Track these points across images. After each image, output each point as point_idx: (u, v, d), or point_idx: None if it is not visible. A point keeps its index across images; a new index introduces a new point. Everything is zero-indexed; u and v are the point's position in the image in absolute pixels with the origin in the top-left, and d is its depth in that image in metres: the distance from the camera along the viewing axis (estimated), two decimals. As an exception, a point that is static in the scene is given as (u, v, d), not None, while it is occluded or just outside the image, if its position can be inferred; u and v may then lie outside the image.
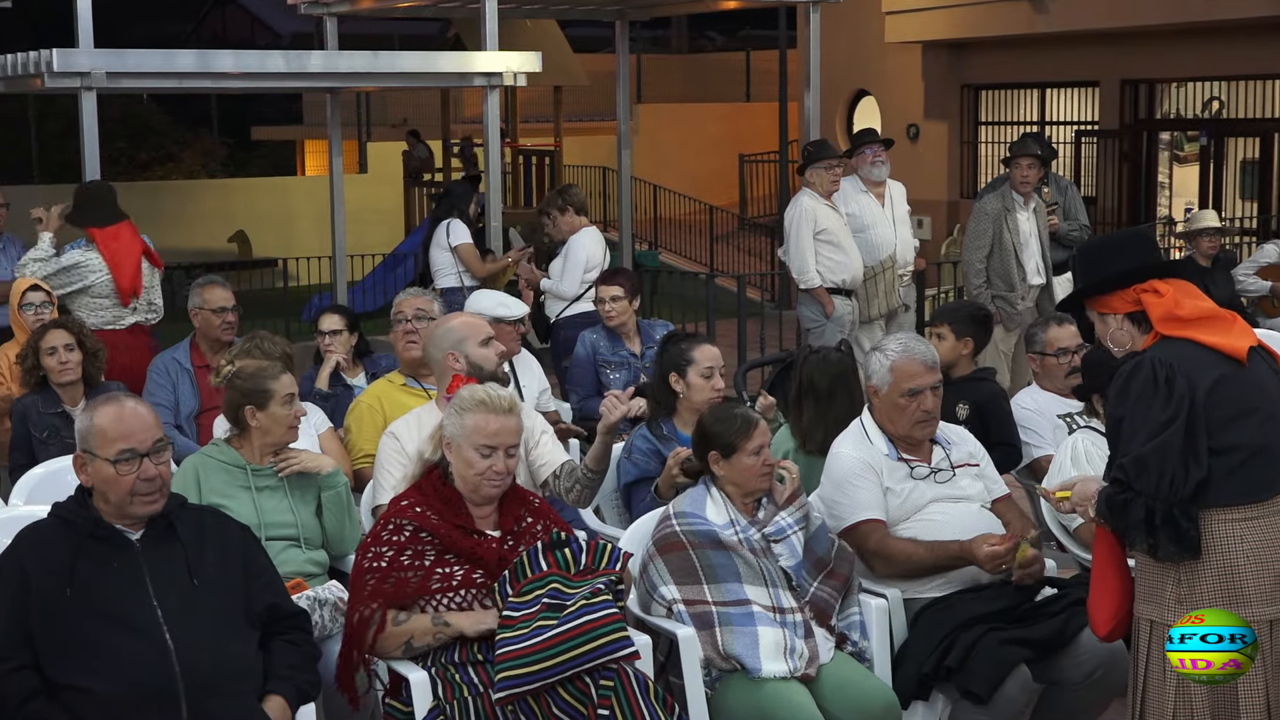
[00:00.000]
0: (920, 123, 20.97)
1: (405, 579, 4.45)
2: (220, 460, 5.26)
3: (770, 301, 17.40)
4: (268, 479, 5.27)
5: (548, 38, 19.94)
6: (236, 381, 5.35)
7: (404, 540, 4.52)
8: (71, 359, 6.58)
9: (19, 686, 3.93)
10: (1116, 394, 4.15)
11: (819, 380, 5.85)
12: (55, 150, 30.73)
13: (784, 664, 4.75)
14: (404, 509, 4.60)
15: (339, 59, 11.19)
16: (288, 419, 5.30)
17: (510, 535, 4.63)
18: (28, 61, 9.48)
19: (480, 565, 4.52)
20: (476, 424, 4.58)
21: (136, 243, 8.23)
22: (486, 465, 4.57)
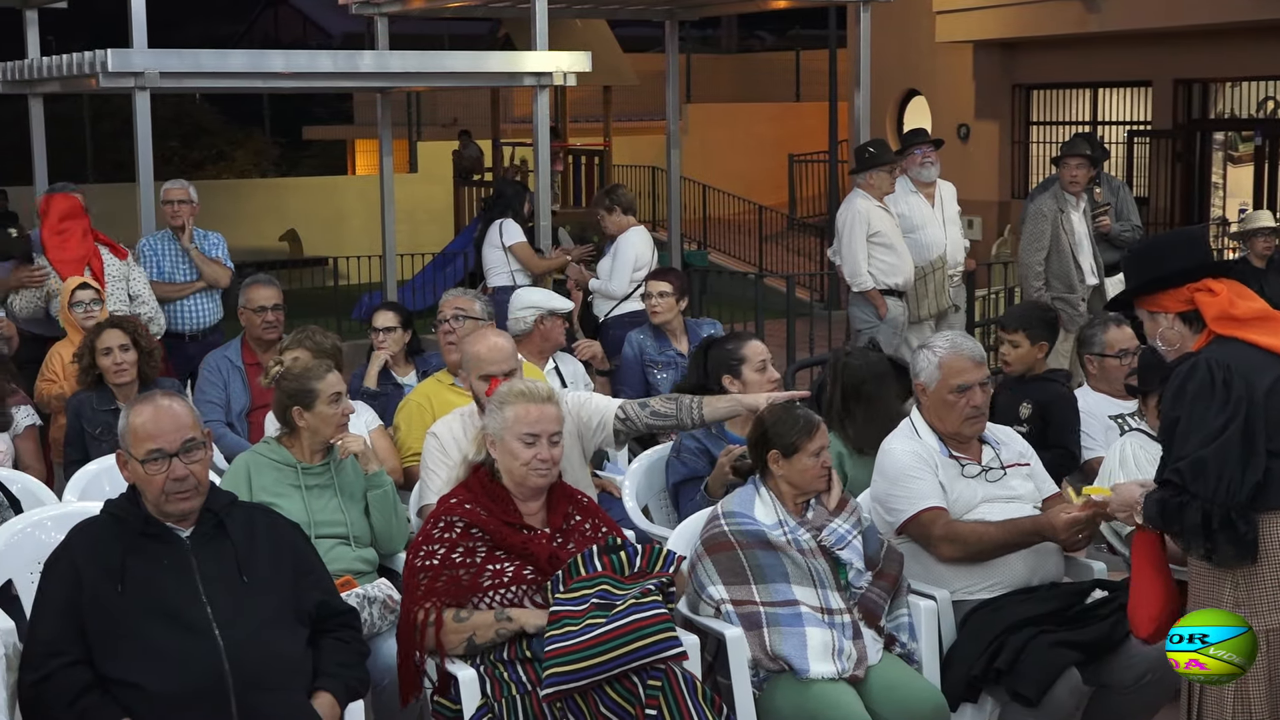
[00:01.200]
0: (971, 123, 20.87)
1: (457, 576, 4.47)
2: (271, 459, 5.29)
3: (819, 301, 17.36)
4: (318, 477, 5.30)
5: (597, 37, 19.96)
6: (283, 383, 5.38)
7: (455, 537, 4.53)
8: (126, 359, 6.62)
9: (72, 681, 3.96)
10: (1172, 395, 4.11)
11: (864, 383, 5.84)
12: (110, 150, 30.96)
13: (832, 665, 4.74)
14: (454, 506, 4.62)
15: (390, 59, 11.25)
16: (335, 417, 5.33)
17: (559, 533, 4.64)
18: (83, 62, 9.57)
19: (531, 561, 4.53)
20: (517, 414, 4.62)
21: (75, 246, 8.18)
22: (531, 454, 4.59)
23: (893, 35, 19.71)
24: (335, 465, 5.35)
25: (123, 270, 8.17)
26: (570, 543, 4.63)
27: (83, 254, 8.07)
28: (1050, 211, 9.57)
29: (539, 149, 11.07)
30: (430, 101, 29.53)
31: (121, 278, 8.15)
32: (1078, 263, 9.54)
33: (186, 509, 4.19)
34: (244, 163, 35.82)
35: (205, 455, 4.26)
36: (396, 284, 13.85)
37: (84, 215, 8.26)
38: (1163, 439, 4.18)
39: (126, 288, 8.12)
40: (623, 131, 23.87)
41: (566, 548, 4.60)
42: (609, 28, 22.09)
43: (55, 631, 4.03)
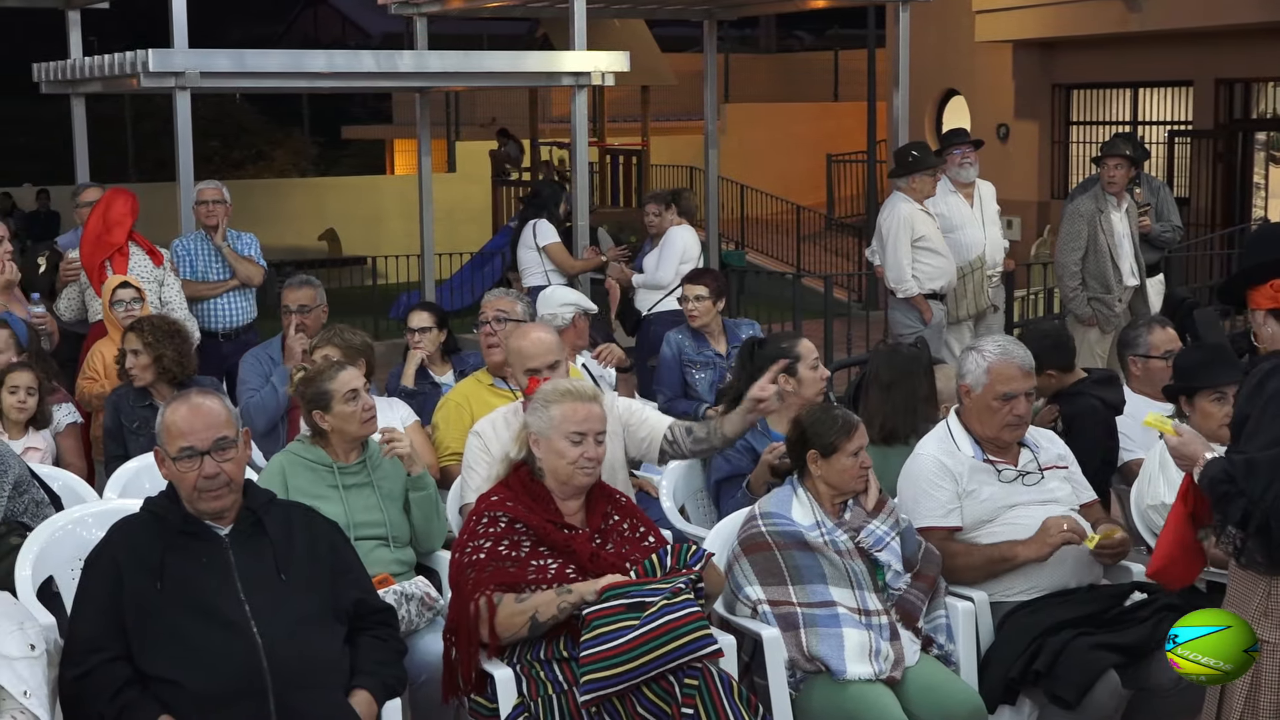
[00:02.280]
0: (1010, 122, 20.79)
1: (504, 568, 4.48)
2: (307, 459, 5.28)
3: (857, 302, 17.31)
4: (355, 476, 5.29)
5: (635, 37, 19.98)
6: (301, 389, 5.40)
7: (500, 532, 4.54)
8: (138, 363, 6.62)
9: (112, 677, 3.98)
10: (1249, 392, 4.02)
11: (884, 372, 5.86)
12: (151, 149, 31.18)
13: (869, 666, 4.72)
14: (495, 504, 4.62)
15: (428, 59, 11.28)
16: (356, 414, 5.29)
17: (599, 533, 4.64)
18: (124, 62, 9.64)
19: (573, 560, 4.53)
20: (564, 413, 4.62)
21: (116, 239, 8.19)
22: (579, 452, 4.60)
23: (932, 35, 19.65)
24: (372, 463, 5.34)
25: (156, 275, 8.20)
26: (609, 543, 4.63)
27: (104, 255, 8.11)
28: (1087, 211, 9.52)
29: (576, 149, 11.08)
30: (469, 101, 29.59)
31: (155, 281, 8.18)
32: (1116, 263, 9.49)
33: (218, 507, 4.20)
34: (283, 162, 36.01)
35: (239, 454, 4.25)
36: (434, 283, 13.89)
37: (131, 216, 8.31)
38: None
39: (159, 292, 8.16)
40: (661, 131, 23.87)
41: (605, 548, 4.61)
42: (647, 27, 22.09)
43: (96, 628, 4.05)
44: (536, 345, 5.55)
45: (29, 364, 6.48)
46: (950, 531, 5.21)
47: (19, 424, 6.36)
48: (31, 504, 5.41)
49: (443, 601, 5.07)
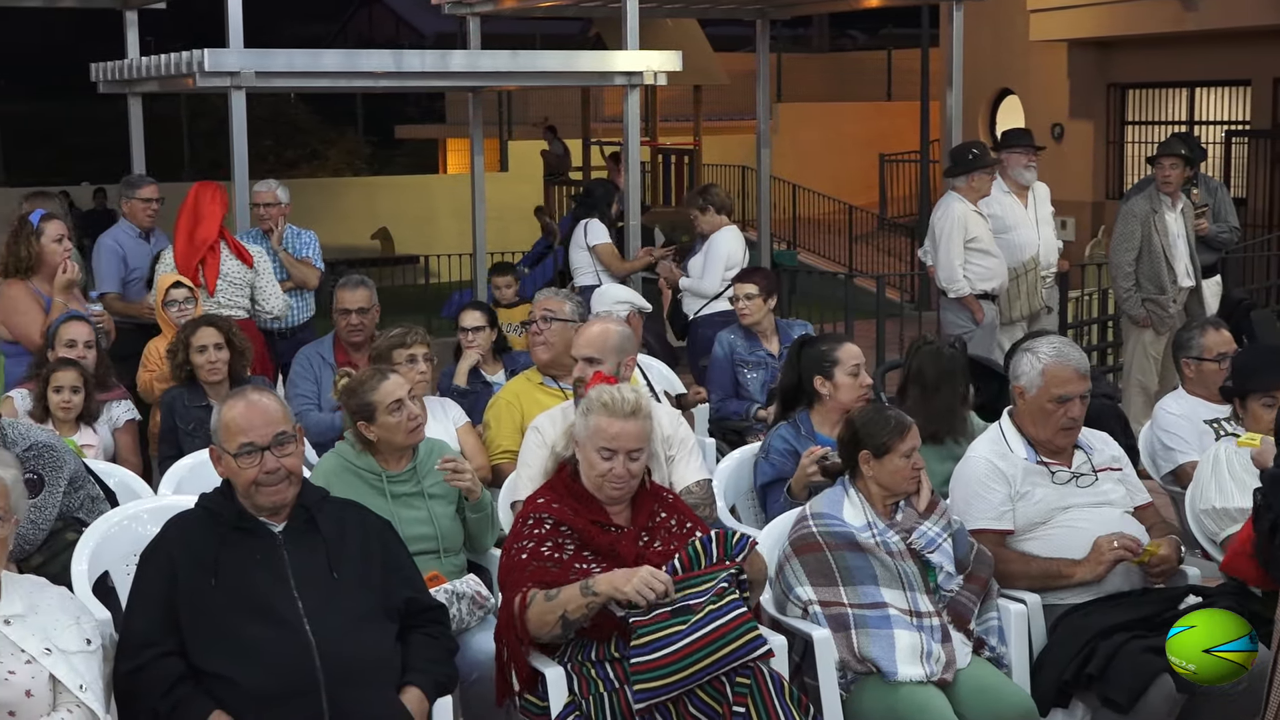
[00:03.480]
0: (1065, 122, 20.67)
1: (545, 568, 4.48)
2: (355, 465, 5.22)
3: (909, 302, 17.25)
4: (404, 484, 5.23)
5: (688, 37, 19.95)
6: (344, 399, 5.34)
7: (544, 533, 4.54)
8: (220, 358, 6.70)
9: (166, 672, 4.01)
10: None
11: (928, 371, 5.82)
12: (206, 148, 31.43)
13: (920, 668, 4.71)
14: (541, 505, 4.62)
15: (481, 58, 11.30)
16: (401, 424, 5.21)
17: (645, 531, 4.63)
18: (180, 61, 9.69)
19: (618, 561, 4.51)
20: (597, 425, 4.57)
21: (206, 236, 8.25)
22: (607, 468, 4.55)
23: (986, 34, 19.55)
24: (420, 468, 5.30)
25: (246, 276, 8.26)
26: (656, 540, 4.62)
27: (198, 256, 8.18)
28: (1142, 212, 9.45)
29: (629, 148, 11.08)
30: (521, 101, 29.67)
31: (244, 284, 8.25)
32: (1170, 264, 9.41)
33: (279, 501, 4.23)
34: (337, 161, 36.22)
35: (297, 448, 4.30)
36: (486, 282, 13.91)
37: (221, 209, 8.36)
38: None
39: (250, 293, 8.23)
40: (713, 131, 23.85)
41: (653, 546, 4.60)
42: (700, 27, 22.06)
43: (150, 623, 4.09)
44: (583, 335, 5.67)
45: (73, 362, 6.51)
46: (1002, 535, 5.19)
47: (68, 422, 6.39)
48: (87, 499, 5.46)
49: (494, 600, 5.08)
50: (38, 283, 7.36)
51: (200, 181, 8.52)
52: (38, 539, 5.16)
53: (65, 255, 7.39)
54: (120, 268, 8.52)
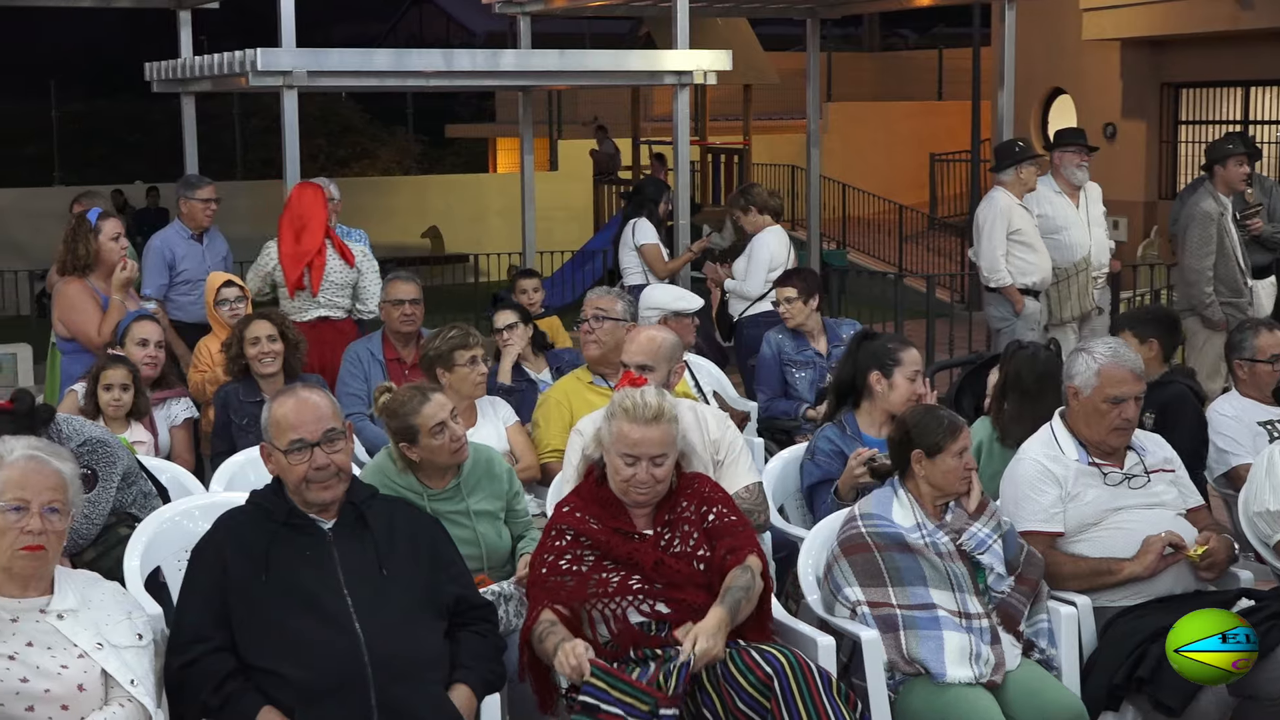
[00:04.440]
0: (1117, 122, 20.53)
1: (563, 583, 4.48)
2: (397, 484, 5.10)
3: (960, 302, 17.18)
4: (447, 502, 5.14)
5: (738, 36, 19.96)
6: (386, 419, 5.19)
7: (564, 546, 4.55)
8: (273, 350, 6.76)
9: (217, 667, 4.04)
10: None
11: (1026, 376, 5.77)
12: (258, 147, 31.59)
13: (969, 670, 4.68)
14: (564, 515, 4.62)
15: (531, 58, 11.32)
16: (445, 446, 5.10)
17: (665, 527, 4.62)
18: (233, 61, 9.76)
19: (637, 570, 4.51)
20: (619, 431, 4.56)
21: (315, 239, 8.34)
22: (630, 474, 4.55)
23: (1038, 33, 19.45)
24: (465, 485, 5.21)
25: (348, 276, 8.31)
26: (676, 538, 4.59)
27: (304, 264, 8.24)
28: (1215, 213, 9.33)
29: (679, 148, 11.08)
30: (571, 100, 29.72)
31: (346, 284, 8.30)
32: (1239, 265, 9.31)
33: (329, 498, 4.25)
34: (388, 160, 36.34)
35: (347, 445, 4.32)
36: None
37: (323, 209, 8.42)
38: None
39: (351, 294, 8.27)
40: (763, 130, 23.83)
41: (671, 548, 4.57)
42: (750, 26, 22.05)
43: (200, 618, 4.11)
44: (633, 342, 5.65)
45: (123, 359, 6.55)
46: (1052, 537, 5.16)
47: (118, 419, 6.42)
48: (140, 495, 5.51)
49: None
50: (95, 280, 7.42)
51: (301, 182, 8.56)
52: (91, 534, 5.21)
53: (122, 253, 7.45)
54: (165, 271, 8.57)
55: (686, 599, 4.49)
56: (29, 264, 19.44)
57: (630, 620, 4.46)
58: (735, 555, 4.56)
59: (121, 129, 33.66)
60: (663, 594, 4.48)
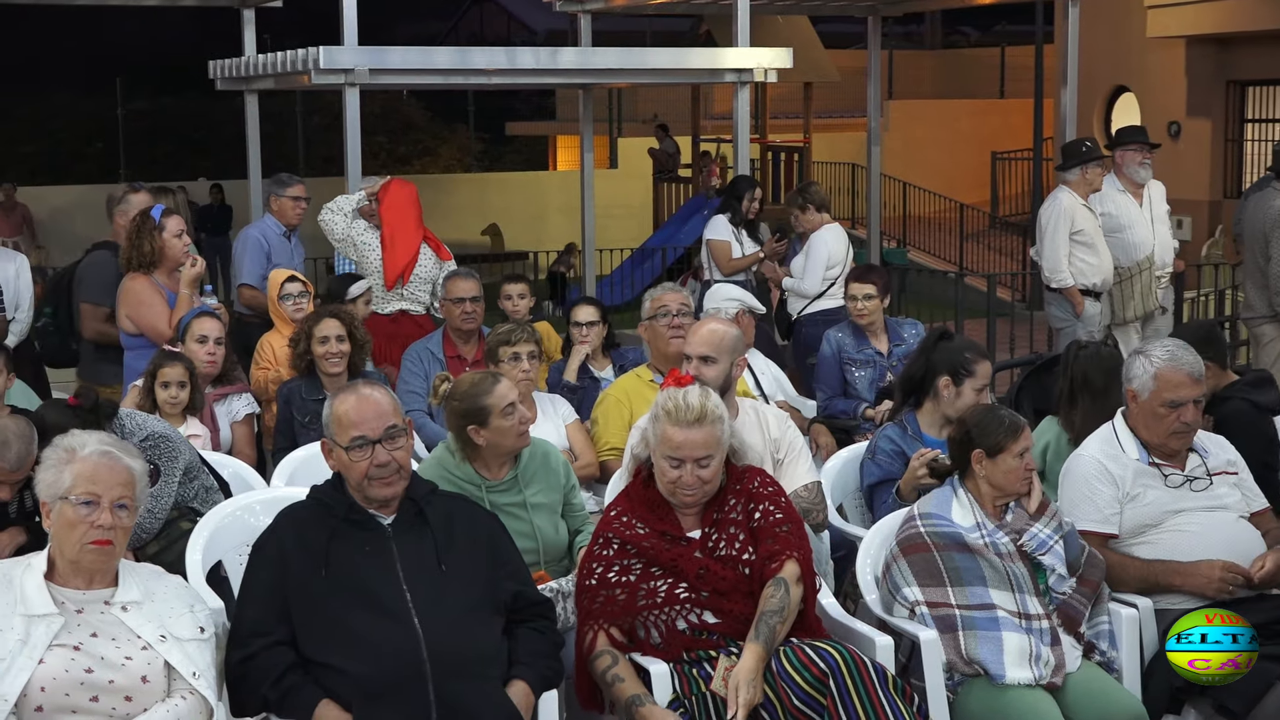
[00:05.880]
0: (1182, 120, 20.33)
1: (614, 597, 4.48)
2: (455, 477, 5.10)
3: (1020, 302, 17.07)
4: (504, 494, 5.13)
5: (799, 33, 19.92)
6: (452, 403, 5.15)
7: (612, 555, 4.54)
8: (341, 350, 6.79)
9: (276, 661, 4.07)
10: None
11: (1094, 375, 5.72)
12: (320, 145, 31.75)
13: (1029, 671, 4.65)
14: (611, 520, 4.61)
15: (592, 55, 11.35)
16: (513, 429, 5.10)
17: (712, 527, 4.61)
18: (296, 59, 9.83)
19: (683, 578, 4.50)
20: (663, 433, 4.54)
21: (417, 233, 8.38)
22: (676, 475, 4.53)
23: (1102, 30, 19.29)
24: (523, 476, 5.20)
25: (434, 272, 8.37)
26: (721, 537, 4.58)
27: (407, 260, 8.30)
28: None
29: (739, 146, 11.07)
30: (631, 98, 29.73)
31: (430, 279, 8.36)
32: None
33: (389, 494, 4.28)
34: (448, 158, 36.45)
35: (407, 442, 4.34)
36: (595, 278, 13.97)
37: (415, 207, 8.49)
38: None
39: (433, 290, 8.33)
40: (823, 128, 23.76)
41: (719, 546, 4.56)
42: (810, 24, 22.00)
43: (261, 612, 4.15)
44: (695, 334, 5.67)
45: (179, 356, 6.59)
46: (1106, 538, 5.12)
47: (174, 415, 6.42)
48: (201, 490, 5.55)
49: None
50: (158, 276, 7.48)
51: (394, 179, 8.61)
52: (154, 528, 5.26)
53: (185, 249, 7.51)
54: (264, 262, 8.64)
55: (734, 609, 4.47)
56: (95, 260, 19.61)
57: (678, 628, 4.47)
58: (774, 563, 4.51)
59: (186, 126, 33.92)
60: (709, 603, 4.47)
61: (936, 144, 25.25)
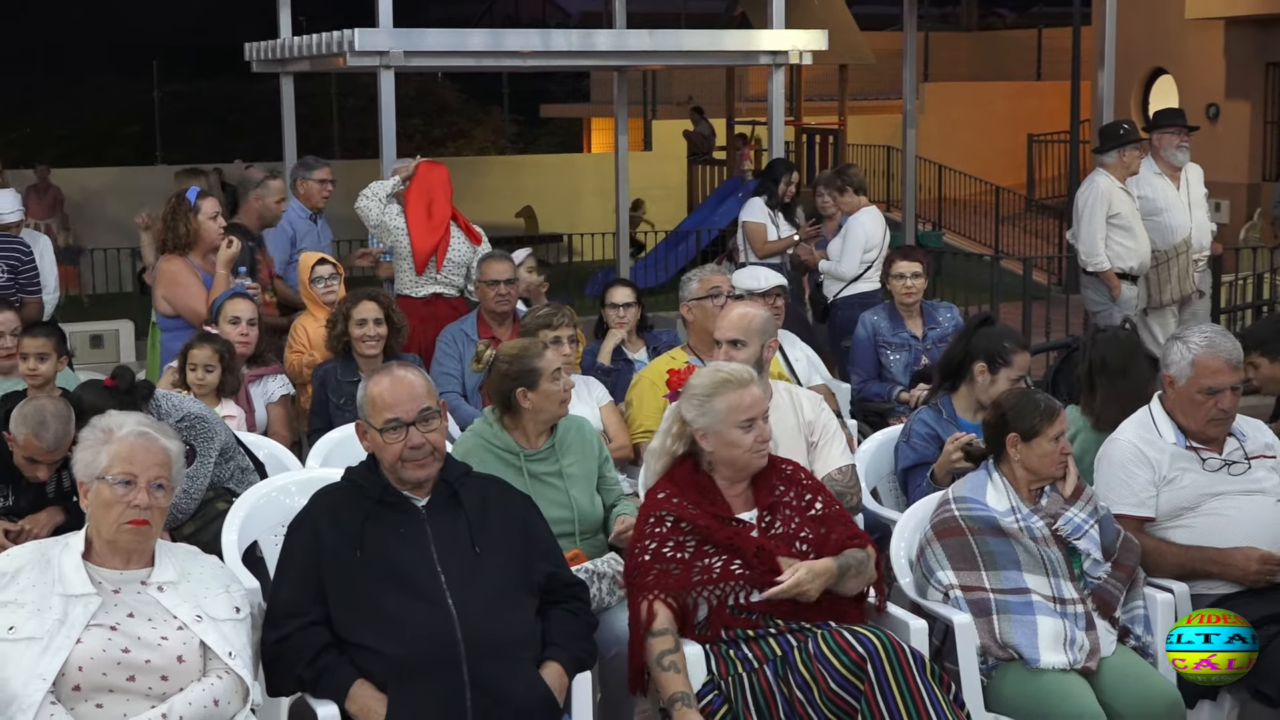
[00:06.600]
0: (1220, 102, 20.18)
1: (668, 571, 4.48)
2: (494, 444, 5.16)
3: (1057, 285, 16.98)
4: (542, 463, 5.18)
5: (834, 15, 19.83)
6: (501, 365, 5.20)
7: (665, 532, 4.54)
8: (378, 333, 6.81)
9: (312, 641, 4.09)
10: None
11: (1111, 358, 5.70)
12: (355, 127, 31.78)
13: (1064, 655, 4.64)
14: (661, 502, 4.61)
15: (627, 38, 11.34)
16: (559, 394, 5.20)
17: (767, 511, 4.61)
18: (331, 41, 9.86)
19: (739, 555, 4.51)
20: (730, 403, 4.55)
21: (444, 215, 8.40)
22: (752, 438, 4.56)
23: (1140, 12, 19.14)
24: (560, 446, 5.25)
25: (467, 255, 8.34)
26: (777, 519, 4.59)
27: (435, 241, 8.30)
28: None
29: (773, 128, 11.04)
30: (665, 80, 29.67)
31: (463, 263, 8.34)
32: None
33: (423, 476, 4.29)
34: (483, 140, 36.45)
35: (441, 424, 4.35)
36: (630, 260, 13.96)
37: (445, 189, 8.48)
38: None
39: (467, 273, 8.34)
40: (858, 110, 23.67)
41: (774, 526, 4.57)
42: (846, 5, 21.91)
43: (296, 593, 4.16)
44: (725, 318, 5.67)
45: (212, 337, 6.62)
46: (1141, 521, 5.10)
47: (206, 396, 6.41)
48: (237, 470, 5.59)
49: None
50: (193, 258, 7.52)
51: (424, 161, 8.61)
52: (190, 508, 5.29)
53: (220, 230, 7.54)
54: (288, 248, 8.66)
55: None
56: (131, 242, 19.68)
57: (727, 604, 4.46)
58: (858, 539, 4.63)
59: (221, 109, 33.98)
60: (765, 579, 4.48)
61: (972, 126, 25.11)
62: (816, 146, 20.91)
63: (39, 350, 6.17)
